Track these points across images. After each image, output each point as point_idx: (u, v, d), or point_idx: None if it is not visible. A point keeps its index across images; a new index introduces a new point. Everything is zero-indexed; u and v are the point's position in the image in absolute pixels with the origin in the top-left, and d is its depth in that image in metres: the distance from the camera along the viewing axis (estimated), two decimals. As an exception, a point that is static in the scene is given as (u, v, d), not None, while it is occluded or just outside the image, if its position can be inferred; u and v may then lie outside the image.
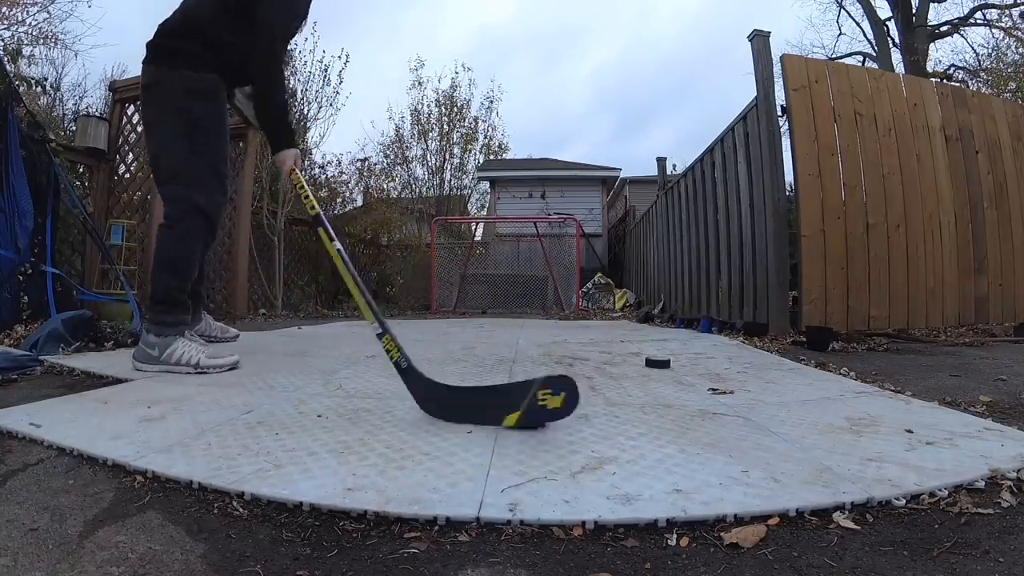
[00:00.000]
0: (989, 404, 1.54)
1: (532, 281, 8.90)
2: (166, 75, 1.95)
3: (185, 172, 1.96)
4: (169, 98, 1.96)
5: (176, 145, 1.96)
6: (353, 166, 12.30)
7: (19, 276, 3.09)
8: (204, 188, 1.98)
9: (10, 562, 0.71)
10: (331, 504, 0.84)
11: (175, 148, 1.97)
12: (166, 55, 1.96)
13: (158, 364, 1.88)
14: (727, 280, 4.02)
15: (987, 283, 3.52)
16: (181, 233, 1.98)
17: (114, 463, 1.02)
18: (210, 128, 2.00)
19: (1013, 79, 9.68)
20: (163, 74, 1.96)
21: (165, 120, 1.98)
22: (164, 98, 1.97)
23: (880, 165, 3.25)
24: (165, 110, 1.97)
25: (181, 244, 1.99)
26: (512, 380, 1.75)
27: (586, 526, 0.79)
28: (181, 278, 2.00)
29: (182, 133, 1.95)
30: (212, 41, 1.97)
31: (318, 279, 8.02)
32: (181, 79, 1.94)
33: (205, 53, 1.96)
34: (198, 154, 1.97)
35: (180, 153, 1.96)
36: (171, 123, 1.96)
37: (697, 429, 1.23)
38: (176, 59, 1.94)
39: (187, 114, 1.95)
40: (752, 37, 3.42)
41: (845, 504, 0.84)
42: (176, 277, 1.99)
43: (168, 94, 1.96)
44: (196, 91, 1.96)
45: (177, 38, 1.97)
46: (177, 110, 1.95)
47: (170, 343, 1.90)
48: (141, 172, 4.33)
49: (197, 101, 1.97)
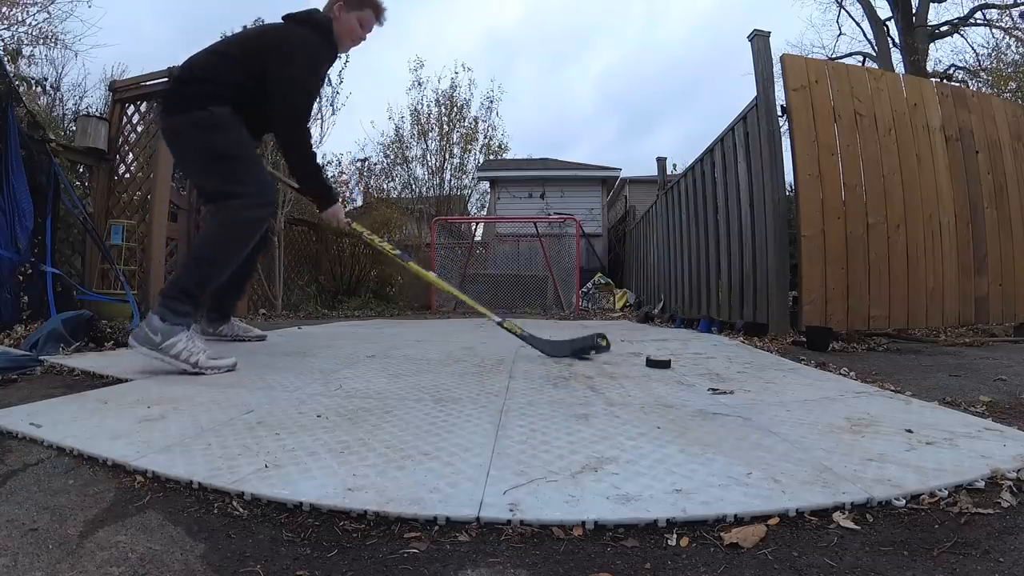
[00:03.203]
0: (989, 404, 1.54)
1: (532, 281, 8.90)
2: (180, 121, 2.05)
3: (227, 191, 2.02)
4: (188, 141, 2.07)
5: (210, 175, 2.10)
6: (353, 166, 12.30)
7: (19, 276, 3.09)
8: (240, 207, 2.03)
9: (10, 562, 0.71)
10: (331, 504, 0.84)
11: (210, 178, 2.11)
12: (177, 102, 2.06)
13: (156, 351, 1.85)
14: (727, 280, 4.02)
15: (987, 283, 3.52)
16: (227, 237, 2.03)
17: (114, 463, 1.02)
18: (239, 155, 2.06)
19: (1013, 79, 9.67)
20: (177, 121, 2.06)
21: (194, 159, 2.13)
22: (185, 142, 2.09)
23: (880, 165, 3.25)
24: (188, 150, 2.13)
25: (224, 248, 2.04)
26: (512, 380, 1.80)
27: (586, 526, 0.79)
28: (210, 278, 2.03)
29: (212, 164, 2.05)
30: (223, 81, 2.04)
31: (318, 279, 8.02)
32: (192, 121, 2.02)
33: (218, 91, 2.03)
34: (235, 178, 2.03)
35: (217, 180, 2.07)
36: (200, 160, 2.09)
37: (697, 429, 1.23)
38: (187, 104, 2.03)
39: (209, 149, 2.03)
40: (752, 37, 3.42)
41: (845, 504, 0.84)
42: (206, 275, 2.01)
43: (186, 138, 2.07)
44: (208, 126, 2.01)
45: (186, 84, 2.07)
46: (197, 150, 2.07)
47: (175, 333, 1.87)
48: (141, 172, 4.33)
49: (214, 134, 2.02)
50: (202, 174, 2.18)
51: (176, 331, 1.87)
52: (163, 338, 1.85)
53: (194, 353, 1.88)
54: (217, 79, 2.04)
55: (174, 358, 1.85)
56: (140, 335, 1.88)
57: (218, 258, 2.03)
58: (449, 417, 1.31)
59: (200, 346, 1.92)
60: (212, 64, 2.09)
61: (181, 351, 1.86)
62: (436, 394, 1.58)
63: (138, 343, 1.88)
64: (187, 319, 1.95)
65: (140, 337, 1.88)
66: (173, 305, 1.90)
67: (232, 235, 2.03)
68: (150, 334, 1.86)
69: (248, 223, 2.05)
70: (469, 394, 1.58)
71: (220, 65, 2.07)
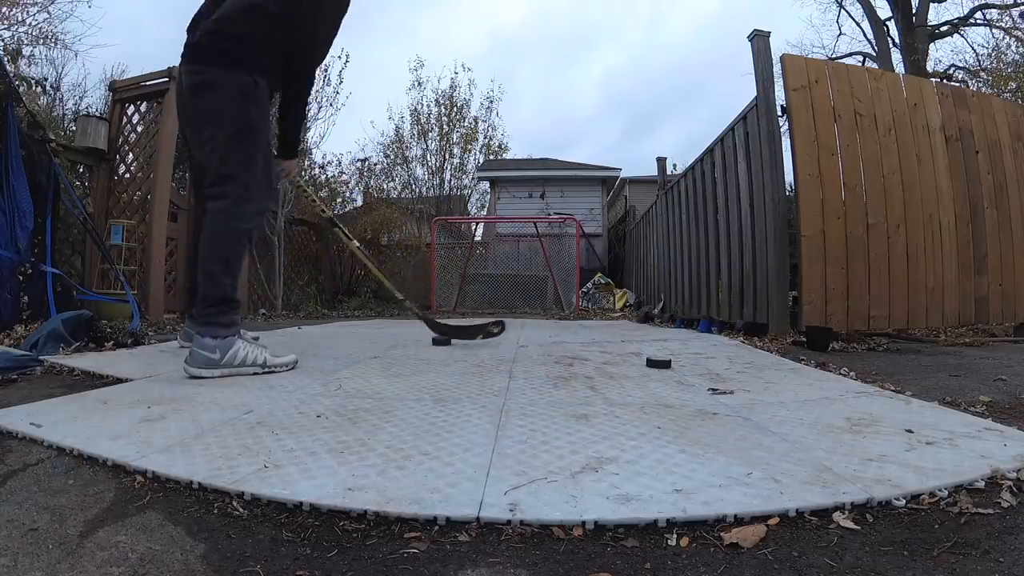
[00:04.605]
0: (989, 404, 1.54)
1: (532, 281, 8.90)
2: (220, 76, 1.86)
3: (240, 175, 1.89)
4: (223, 101, 1.87)
5: (231, 149, 1.88)
6: (353, 166, 12.31)
7: (19, 276, 3.09)
8: (260, 192, 1.94)
9: (10, 562, 0.71)
10: (331, 504, 0.84)
11: (230, 153, 1.88)
12: (217, 56, 1.87)
13: (220, 368, 1.78)
14: (727, 280, 4.02)
15: (987, 283, 3.52)
16: (235, 232, 1.91)
17: (114, 463, 1.02)
18: (262, 133, 1.94)
19: (1013, 79, 9.68)
20: (216, 75, 1.86)
21: (220, 123, 1.88)
22: (217, 101, 1.87)
23: (880, 165, 3.25)
24: (219, 113, 1.88)
25: (236, 244, 1.93)
26: (512, 380, 1.81)
27: (586, 526, 0.79)
28: (234, 276, 1.93)
29: (237, 137, 1.88)
30: (264, 45, 1.91)
31: (318, 279, 8.02)
32: (235, 82, 1.86)
33: (260, 58, 1.90)
34: (253, 158, 1.91)
35: (236, 158, 1.88)
36: (226, 127, 1.88)
37: (697, 429, 1.23)
38: (229, 61, 1.86)
39: (243, 119, 1.88)
40: (752, 37, 3.42)
41: (845, 504, 0.84)
42: (230, 275, 1.91)
43: (222, 97, 1.86)
44: (251, 95, 1.89)
45: (227, 39, 1.88)
46: (232, 113, 1.87)
47: (231, 344, 1.81)
48: (141, 172, 4.33)
49: (252, 105, 1.89)
50: (221, 148, 1.89)
51: (231, 342, 1.82)
52: (221, 353, 1.79)
53: (259, 354, 1.84)
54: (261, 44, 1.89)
55: (241, 365, 1.81)
56: (198, 360, 1.78)
57: (233, 255, 1.93)
58: (449, 417, 1.31)
59: (259, 347, 1.87)
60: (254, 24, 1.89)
61: (245, 357, 1.81)
62: (436, 394, 1.58)
63: (200, 367, 1.77)
64: (234, 327, 1.87)
65: (200, 361, 1.77)
66: (214, 319, 1.82)
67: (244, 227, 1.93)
68: (208, 355, 1.78)
69: (256, 213, 1.96)
70: (469, 394, 1.58)
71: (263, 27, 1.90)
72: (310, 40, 1.99)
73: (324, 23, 2.00)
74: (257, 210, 1.97)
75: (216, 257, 1.88)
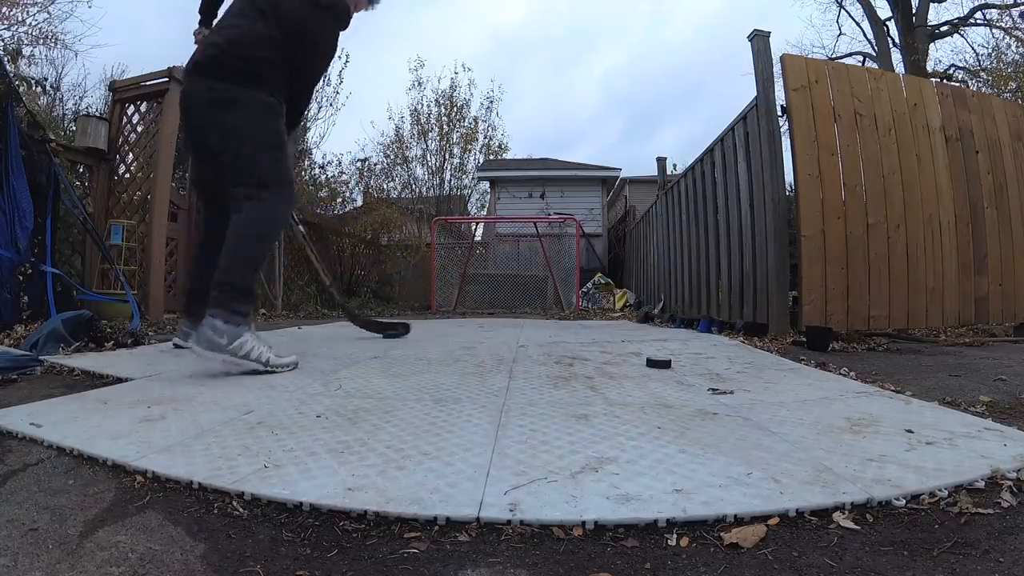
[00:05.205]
0: (989, 404, 1.54)
1: (532, 281, 8.90)
2: (242, 94, 1.94)
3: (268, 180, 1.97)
4: (253, 118, 1.96)
5: (271, 160, 1.99)
6: (353, 166, 12.32)
7: (19, 276, 3.09)
8: (284, 198, 2.04)
9: (10, 562, 0.71)
10: (331, 504, 0.84)
11: (258, 161, 1.97)
12: (239, 75, 1.94)
13: (224, 352, 1.77)
14: (727, 280, 4.02)
15: (987, 283, 3.52)
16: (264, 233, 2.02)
17: (114, 463, 1.02)
18: (284, 144, 2.06)
19: (1013, 79, 9.68)
20: (239, 93, 1.94)
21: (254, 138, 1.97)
22: (248, 117, 1.96)
23: (880, 165, 3.25)
24: (254, 129, 1.97)
25: (264, 244, 2.04)
26: (512, 380, 1.80)
27: (586, 526, 0.79)
28: (255, 272, 2.02)
29: (276, 149, 2.01)
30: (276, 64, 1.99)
31: (318, 279, 8.02)
32: (258, 101, 1.96)
33: (277, 80, 2.01)
34: (278, 167, 2.01)
35: (263, 165, 1.98)
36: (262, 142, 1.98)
37: (697, 429, 1.23)
38: (249, 80, 1.94)
39: (276, 134, 2.01)
40: (752, 37, 3.42)
41: (845, 504, 0.84)
42: (256, 271, 2.01)
43: (251, 114, 1.96)
44: (278, 114, 2.03)
45: (243, 59, 1.94)
46: (264, 130, 1.98)
47: (240, 333, 1.81)
48: (141, 172, 4.33)
49: (275, 121, 2.02)
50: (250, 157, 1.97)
51: (241, 331, 1.82)
52: (229, 340, 1.78)
53: (264, 352, 1.84)
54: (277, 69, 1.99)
55: (245, 358, 1.80)
56: (203, 340, 1.78)
57: (260, 253, 2.01)
58: (449, 417, 1.31)
59: (266, 345, 1.88)
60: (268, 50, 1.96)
61: (251, 351, 1.81)
62: (436, 394, 1.58)
63: (204, 348, 1.77)
64: (248, 318, 1.88)
65: (204, 342, 1.78)
66: (234, 306, 1.83)
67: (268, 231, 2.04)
68: (215, 337, 1.77)
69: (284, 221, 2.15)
70: (469, 394, 1.58)
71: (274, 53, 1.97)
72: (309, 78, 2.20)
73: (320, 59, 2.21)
74: (285, 217, 2.16)
75: (244, 255, 1.93)
